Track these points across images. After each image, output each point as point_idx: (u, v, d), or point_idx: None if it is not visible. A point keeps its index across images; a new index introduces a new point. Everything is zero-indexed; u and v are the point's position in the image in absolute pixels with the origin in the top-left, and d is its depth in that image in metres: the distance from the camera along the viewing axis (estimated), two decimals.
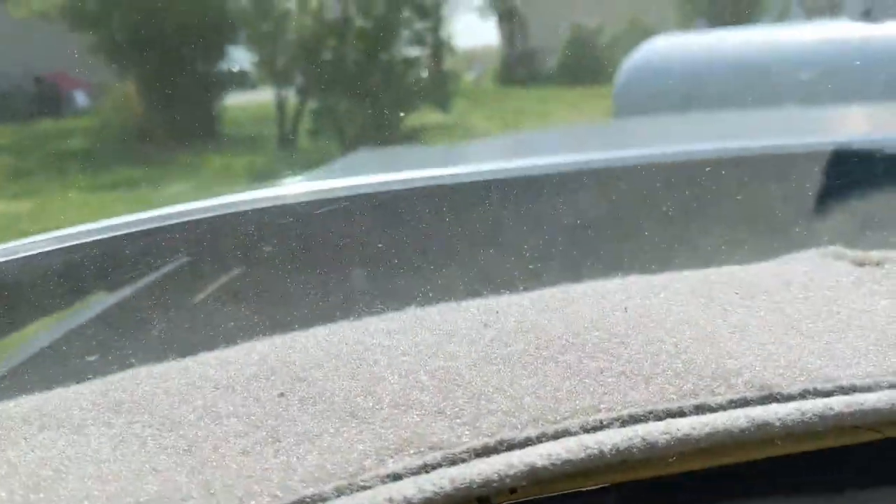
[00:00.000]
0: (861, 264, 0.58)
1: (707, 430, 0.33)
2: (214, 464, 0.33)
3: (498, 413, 0.34)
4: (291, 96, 8.53)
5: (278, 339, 0.46)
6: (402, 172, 0.74)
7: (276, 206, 0.70)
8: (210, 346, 0.48)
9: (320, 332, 0.47)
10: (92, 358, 0.51)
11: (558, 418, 0.34)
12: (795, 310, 0.47)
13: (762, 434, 0.34)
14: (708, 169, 0.71)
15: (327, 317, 0.59)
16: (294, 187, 0.72)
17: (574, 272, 0.66)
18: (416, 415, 0.34)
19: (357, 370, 0.39)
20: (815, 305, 0.48)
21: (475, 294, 0.54)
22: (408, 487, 0.31)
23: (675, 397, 0.35)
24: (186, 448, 0.35)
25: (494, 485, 0.31)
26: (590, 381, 0.37)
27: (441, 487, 0.30)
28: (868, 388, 0.36)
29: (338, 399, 0.37)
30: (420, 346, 0.41)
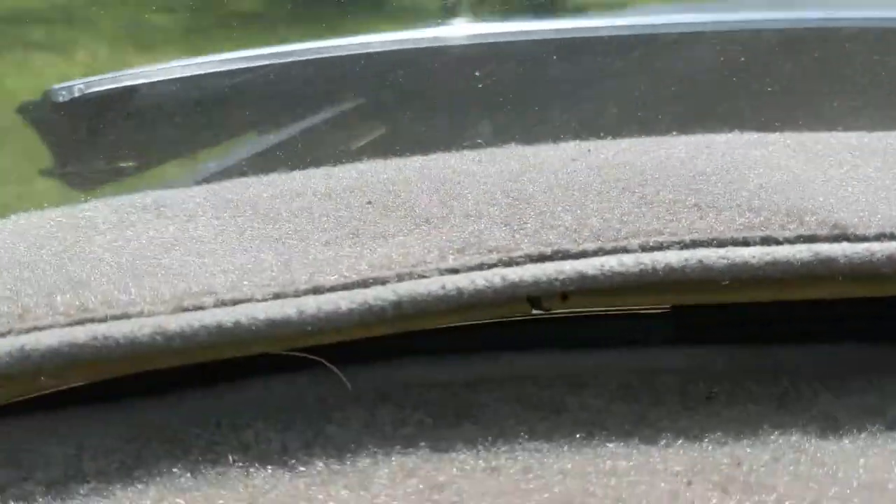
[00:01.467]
0: None
1: (767, 258, 0.33)
2: (298, 250, 0.36)
3: (559, 228, 0.35)
4: None
5: (379, 162, 0.49)
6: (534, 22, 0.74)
7: (418, 48, 0.72)
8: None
9: (418, 158, 0.49)
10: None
11: (619, 237, 0.35)
12: (893, 173, 0.45)
13: (825, 269, 0.33)
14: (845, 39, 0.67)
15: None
16: (439, 30, 0.74)
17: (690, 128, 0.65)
18: (484, 224, 0.36)
19: (440, 187, 0.41)
20: None
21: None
22: (462, 280, 0.33)
23: (742, 228, 0.35)
24: (277, 237, 0.38)
25: (543, 286, 0.33)
26: (661, 209, 0.37)
27: (492, 283, 0.33)
28: None
29: (417, 209, 0.39)
30: (504, 173, 0.43)
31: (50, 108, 0.60)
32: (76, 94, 0.61)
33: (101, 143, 0.64)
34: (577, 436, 0.32)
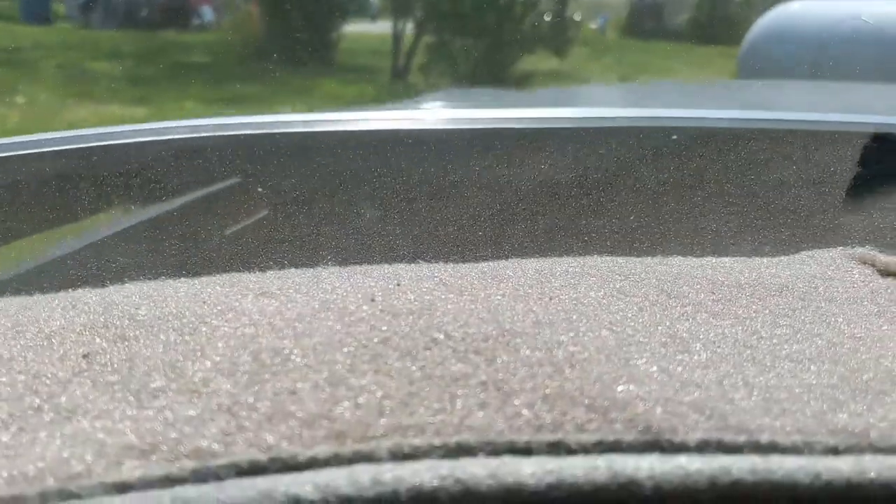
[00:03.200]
0: (888, 274, 0.48)
1: (549, 479, 0.25)
2: None
3: (292, 421, 0.27)
4: (408, 29, 8.45)
5: (137, 287, 0.41)
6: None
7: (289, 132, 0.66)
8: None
9: (183, 284, 0.40)
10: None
11: (367, 436, 0.26)
12: (765, 326, 0.38)
13: (624, 493, 0.26)
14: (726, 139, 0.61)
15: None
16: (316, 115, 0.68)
17: (545, 244, 0.58)
18: (196, 409, 0.28)
19: (181, 338, 0.33)
20: (797, 323, 0.39)
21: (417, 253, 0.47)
22: (134, 501, 0.24)
23: (527, 428, 0.27)
24: None
25: None
26: (437, 390, 0.29)
27: None
28: (793, 449, 0.27)
29: (135, 375, 0.30)
30: (274, 317, 0.34)
31: None
32: None
33: None
34: None
